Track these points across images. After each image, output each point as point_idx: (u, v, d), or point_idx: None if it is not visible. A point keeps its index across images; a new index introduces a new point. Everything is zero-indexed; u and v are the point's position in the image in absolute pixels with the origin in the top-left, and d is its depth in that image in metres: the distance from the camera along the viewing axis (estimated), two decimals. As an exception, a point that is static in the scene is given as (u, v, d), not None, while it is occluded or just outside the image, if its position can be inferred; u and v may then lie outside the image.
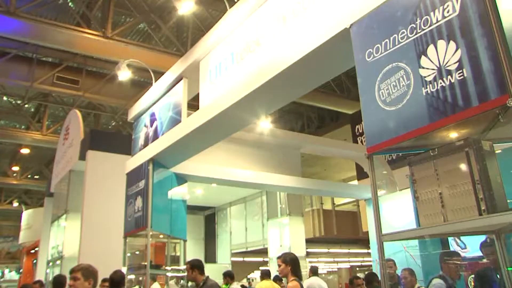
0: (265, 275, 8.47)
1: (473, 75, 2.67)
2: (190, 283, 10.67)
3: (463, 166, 2.70)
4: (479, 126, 2.96)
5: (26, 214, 21.42)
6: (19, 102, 17.30)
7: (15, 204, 29.25)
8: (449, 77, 2.81)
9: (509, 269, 2.93)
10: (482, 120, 2.89)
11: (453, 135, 3.00)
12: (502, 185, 2.75)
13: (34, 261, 17.91)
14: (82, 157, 10.21)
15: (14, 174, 23.91)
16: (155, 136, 7.22)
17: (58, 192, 13.20)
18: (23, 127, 19.33)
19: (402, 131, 3.03)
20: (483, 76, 2.61)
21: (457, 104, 2.72)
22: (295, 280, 4.72)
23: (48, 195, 15.55)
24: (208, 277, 5.46)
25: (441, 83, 2.84)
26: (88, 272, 3.58)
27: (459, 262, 5.16)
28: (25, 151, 20.76)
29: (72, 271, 3.53)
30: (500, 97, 2.50)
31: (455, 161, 2.76)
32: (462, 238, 6.58)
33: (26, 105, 17.94)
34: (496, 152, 2.96)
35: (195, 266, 5.43)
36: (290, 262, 4.84)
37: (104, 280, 7.85)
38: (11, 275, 31.60)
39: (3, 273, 32.87)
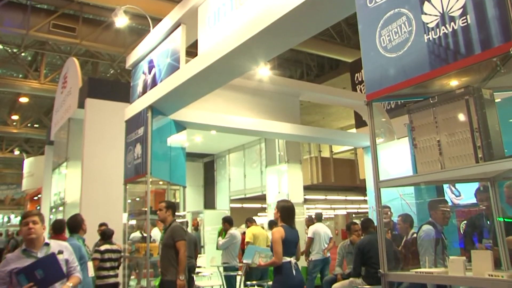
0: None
1: (477, 22, 2.62)
2: (190, 228, 10.92)
3: (463, 114, 2.70)
4: (480, 75, 2.93)
5: (28, 162, 21.60)
6: (15, 50, 17.04)
7: (16, 152, 29.51)
8: (452, 23, 2.76)
9: (499, 219, 2.99)
10: (483, 69, 2.86)
11: (453, 83, 2.98)
12: (500, 134, 2.76)
13: (38, 207, 18.22)
14: (81, 105, 10.17)
15: (14, 123, 23.93)
16: (154, 83, 7.18)
17: (58, 140, 13.25)
18: (20, 76, 19.14)
19: (402, 78, 3.00)
20: (488, 22, 2.56)
21: (459, 51, 2.68)
22: (280, 226, 4.94)
23: (48, 143, 15.61)
24: (175, 220, 5.64)
25: (443, 30, 2.79)
26: (43, 218, 3.64)
27: (447, 209, 5.27)
28: (23, 100, 20.66)
29: (31, 215, 3.55)
30: (504, 45, 2.46)
31: (454, 109, 2.75)
32: (457, 186, 6.67)
33: (22, 54, 17.69)
34: (496, 101, 2.95)
35: (170, 207, 5.63)
36: (280, 210, 5.06)
37: (100, 225, 8.03)
38: (17, 220, 32.52)
39: (9, 218, 33.94)
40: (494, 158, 2.56)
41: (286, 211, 5.06)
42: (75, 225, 5.16)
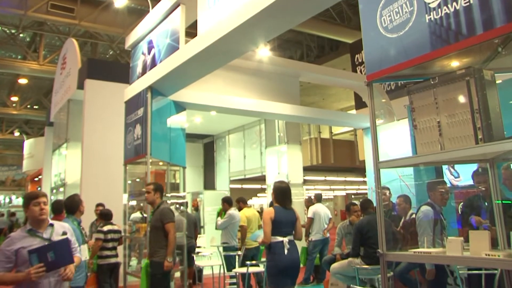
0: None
1: (479, 2, 2.60)
2: (190, 208, 10.98)
3: (463, 95, 2.70)
4: (481, 56, 2.92)
5: (28, 144, 21.62)
6: (13, 31, 16.92)
7: (16, 133, 29.57)
8: (454, 3, 2.73)
9: (497, 202, 3.00)
10: (485, 50, 2.85)
11: (454, 64, 2.97)
12: (500, 115, 2.76)
13: (38, 188, 18.30)
14: (80, 86, 10.15)
15: (14, 105, 23.90)
16: (153, 63, 7.15)
17: (57, 122, 13.24)
18: (19, 57, 19.04)
19: (403, 59, 2.99)
20: (490, 3, 2.53)
21: (461, 32, 2.67)
22: (273, 207, 5.02)
23: (48, 125, 15.62)
24: (164, 202, 5.63)
25: (445, 10, 2.77)
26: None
27: (445, 190, 5.30)
28: (23, 81, 20.60)
29: (41, 196, 3.61)
30: (506, 25, 2.44)
31: (455, 90, 2.75)
32: (456, 167, 6.69)
33: (21, 35, 17.57)
34: (497, 82, 2.94)
35: (158, 189, 5.62)
36: (274, 191, 5.13)
37: (97, 205, 8.08)
38: (18, 201, 32.81)
39: (10, 199, 34.25)
40: (494, 140, 2.56)
41: (279, 192, 5.11)
42: (72, 205, 5.14)
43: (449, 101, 2.78)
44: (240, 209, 8.39)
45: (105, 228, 7.11)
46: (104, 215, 7.48)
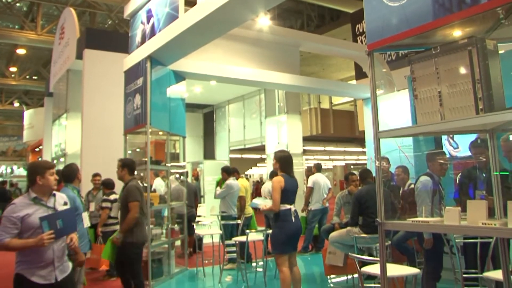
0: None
1: (482, -30, 2.55)
2: (190, 178, 11.05)
3: (465, 65, 2.68)
4: (484, 25, 2.89)
5: (28, 114, 21.58)
6: (10, 0, 16.65)
7: (16, 104, 29.52)
8: (457, -29, 2.68)
9: (496, 173, 3.02)
10: (488, 19, 2.81)
11: (456, 33, 2.94)
12: (502, 85, 2.75)
13: (39, 159, 18.36)
14: (79, 56, 10.07)
15: (12, 75, 23.74)
16: (152, 33, 7.07)
17: (57, 92, 13.20)
18: (17, 27, 18.80)
19: (404, 28, 2.96)
20: (494, -30, 2.49)
21: (464, 0, 2.63)
22: (280, 175, 5.17)
23: (47, 95, 15.57)
24: (134, 178, 5.53)
25: (448, -22, 2.72)
26: None
27: (444, 161, 5.32)
28: (21, 51, 20.40)
29: (53, 166, 3.67)
30: (510, -7, 2.41)
31: (457, 59, 2.72)
32: (455, 138, 6.71)
33: (17, 4, 17.30)
34: (500, 52, 2.91)
35: (126, 165, 5.55)
36: (279, 160, 5.25)
37: (95, 175, 8.13)
38: (20, 171, 33.02)
39: (12, 169, 34.46)
40: (495, 110, 2.56)
41: (284, 161, 5.25)
42: (70, 174, 5.15)
43: (450, 71, 2.76)
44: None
45: (112, 197, 7.49)
46: (107, 184, 7.67)
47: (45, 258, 3.46)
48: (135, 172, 5.79)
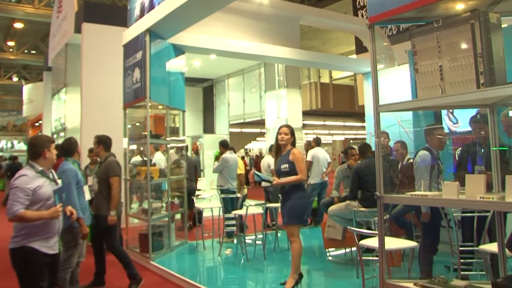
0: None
1: None
2: (190, 152, 11.08)
3: (467, 39, 2.65)
4: (487, -2, 2.85)
5: (27, 89, 21.45)
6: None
7: (15, 79, 29.35)
8: None
9: (494, 148, 3.03)
10: (491, -9, 2.78)
11: (459, 6, 2.90)
12: (504, 60, 2.73)
13: (40, 133, 18.35)
14: (78, 30, 9.97)
15: (10, 50, 23.53)
16: (151, 6, 6.98)
17: (56, 66, 13.12)
18: (13, 0, 18.54)
19: (406, 1, 2.92)
20: None
21: (467, -27, 2.59)
22: (296, 148, 5.33)
23: (46, 69, 15.48)
24: (111, 154, 5.59)
25: (452, -52, 2.68)
26: None
27: (442, 135, 5.34)
28: (18, 25, 20.16)
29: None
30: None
31: (459, 33, 2.70)
32: (455, 113, 6.71)
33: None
34: (503, 26, 2.88)
35: (101, 142, 5.64)
36: (293, 134, 5.33)
37: (90, 150, 8.11)
38: (20, 145, 33.09)
39: (12, 144, 34.54)
40: (496, 85, 2.55)
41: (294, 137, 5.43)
42: (69, 148, 5.16)
43: (452, 45, 2.73)
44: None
45: None
46: None
47: (52, 230, 3.61)
48: (136, 147, 5.84)
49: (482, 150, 4.72)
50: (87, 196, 5.04)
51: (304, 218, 5.19)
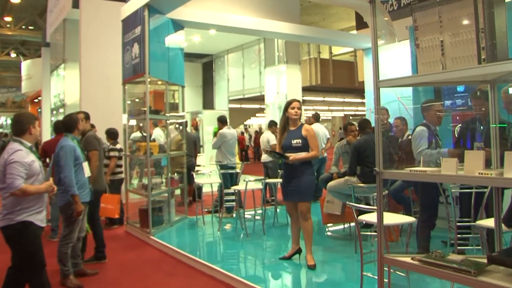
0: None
1: None
2: (190, 128, 11.07)
3: (469, 14, 2.62)
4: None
5: (25, 65, 21.28)
6: None
7: (13, 55, 29.11)
8: None
9: (493, 125, 3.02)
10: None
11: (462, -20, 2.86)
12: (506, 35, 2.70)
13: (39, 110, 18.29)
14: (75, 5, 9.83)
15: (8, 25, 23.26)
16: (149, -21, 6.89)
17: (54, 42, 13.01)
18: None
19: (408, -25, 2.88)
20: None
21: None
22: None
23: (44, 45, 15.37)
24: (91, 129, 5.61)
25: None
26: None
27: (439, 110, 5.33)
28: (15, 0, 19.86)
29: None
30: None
31: (461, 8, 2.66)
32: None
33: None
34: (506, 0, 2.84)
35: (88, 118, 5.73)
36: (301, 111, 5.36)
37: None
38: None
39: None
40: (498, 60, 2.53)
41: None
42: (71, 124, 5.14)
43: (454, 20, 2.70)
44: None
45: (118, 146, 7.65)
46: (111, 134, 7.73)
47: (42, 204, 3.75)
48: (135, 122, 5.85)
49: (481, 127, 4.72)
50: (87, 173, 5.03)
51: (312, 194, 5.27)
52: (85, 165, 5.02)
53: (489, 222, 3.73)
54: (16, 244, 3.62)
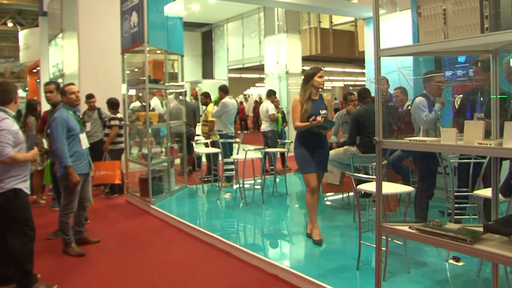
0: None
1: None
2: (189, 97, 11.03)
3: (473, -19, 2.58)
4: None
5: (23, 35, 20.98)
6: None
7: (10, 24, 28.67)
8: None
9: (493, 96, 3.01)
10: None
11: None
12: (511, 3, 2.66)
13: (38, 80, 18.15)
14: (73, -28, 9.66)
15: (3, -6, 22.85)
16: None
17: (51, 12, 12.83)
18: None
19: None
20: None
21: None
22: None
23: (42, 15, 15.14)
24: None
25: None
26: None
27: (441, 84, 5.30)
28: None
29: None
30: None
31: (464, -25, 2.63)
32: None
33: None
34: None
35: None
36: None
37: (89, 96, 7.94)
38: (19, 92, 32.78)
39: (10, 90, 34.48)
40: (501, 29, 2.50)
41: None
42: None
43: (457, -13, 2.67)
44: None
45: (119, 115, 7.67)
46: (112, 104, 7.73)
47: (28, 172, 3.83)
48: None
49: (482, 99, 4.71)
50: (85, 144, 4.99)
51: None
52: (82, 136, 4.98)
53: (486, 192, 3.76)
54: (10, 211, 3.64)
